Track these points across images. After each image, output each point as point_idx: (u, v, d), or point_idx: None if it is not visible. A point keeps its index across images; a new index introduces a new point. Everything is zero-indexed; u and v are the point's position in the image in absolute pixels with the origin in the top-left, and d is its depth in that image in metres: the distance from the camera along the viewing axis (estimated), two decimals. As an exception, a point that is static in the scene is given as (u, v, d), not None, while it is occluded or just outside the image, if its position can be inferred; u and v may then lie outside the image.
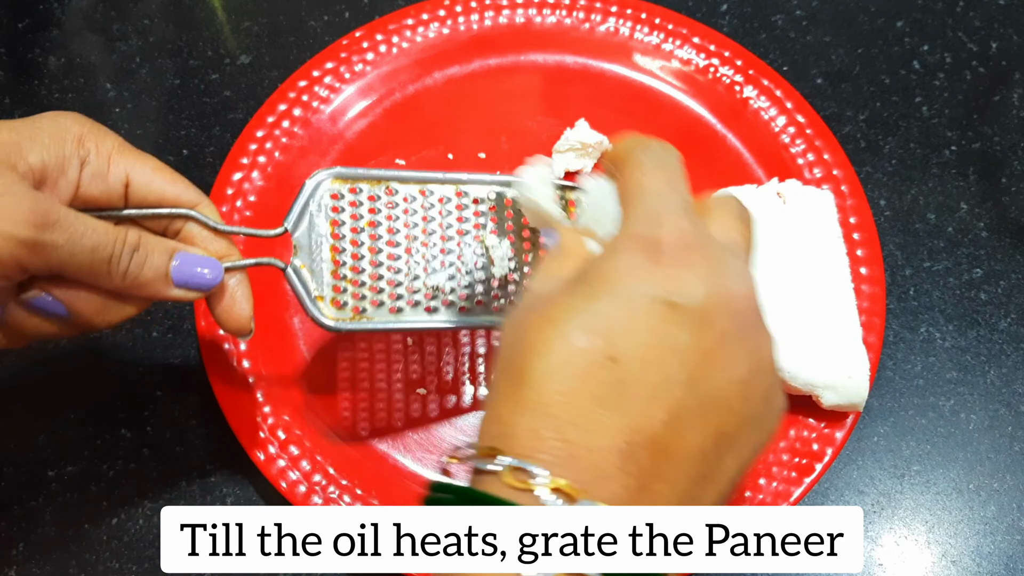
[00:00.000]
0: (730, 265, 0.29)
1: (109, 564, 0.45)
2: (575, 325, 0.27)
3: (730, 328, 0.28)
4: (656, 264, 0.28)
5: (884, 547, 0.47)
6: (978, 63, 0.61)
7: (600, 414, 0.25)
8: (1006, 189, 0.57)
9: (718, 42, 0.58)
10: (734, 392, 0.27)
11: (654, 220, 0.29)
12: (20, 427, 0.49)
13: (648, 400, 0.26)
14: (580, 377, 0.26)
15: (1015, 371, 0.52)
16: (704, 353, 0.27)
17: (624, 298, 0.27)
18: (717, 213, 0.32)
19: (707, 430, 0.27)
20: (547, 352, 0.27)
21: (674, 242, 0.28)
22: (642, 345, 0.26)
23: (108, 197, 0.36)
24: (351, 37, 0.57)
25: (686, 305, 0.27)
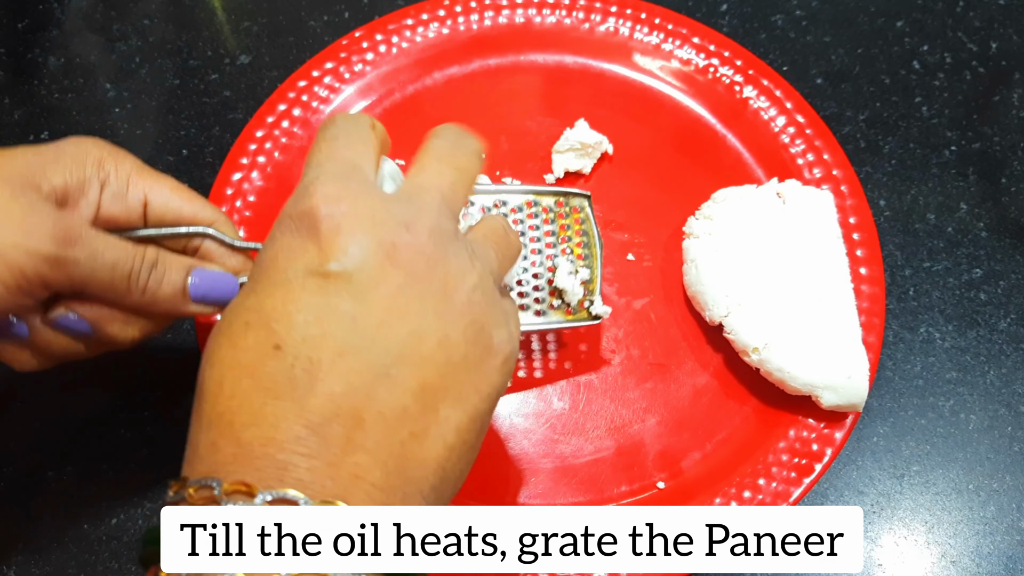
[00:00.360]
0: (398, 214, 0.28)
1: (109, 564, 0.45)
2: (237, 325, 0.27)
3: (402, 280, 0.27)
4: (308, 237, 0.27)
5: (883, 547, 0.47)
6: (978, 63, 0.61)
7: (273, 406, 0.25)
8: (1006, 189, 0.57)
9: (718, 42, 0.58)
10: (425, 342, 0.27)
11: (305, 192, 0.28)
12: (20, 427, 0.49)
13: (321, 377, 0.25)
14: (249, 375, 0.26)
15: (1015, 371, 0.52)
16: (376, 312, 0.26)
17: (280, 282, 0.27)
18: (418, 158, 0.32)
19: (402, 387, 0.26)
20: (216, 360, 0.27)
21: (326, 209, 0.27)
22: (303, 324, 0.26)
23: (128, 217, 0.38)
24: (351, 37, 0.57)
25: (344, 271, 0.27)
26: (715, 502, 0.46)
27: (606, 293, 0.52)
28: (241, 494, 0.24)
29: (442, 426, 0.27)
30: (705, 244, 0.49)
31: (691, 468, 0.47)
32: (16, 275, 0.31)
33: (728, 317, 0.48)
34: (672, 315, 0.51)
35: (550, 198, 0.48)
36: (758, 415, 0.48)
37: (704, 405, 0.49)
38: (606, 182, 0.55)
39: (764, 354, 0.46)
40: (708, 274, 0.48)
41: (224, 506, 0.24)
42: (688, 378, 0.50)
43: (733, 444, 0.48)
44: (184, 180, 0.55)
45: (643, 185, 0.55)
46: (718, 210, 0.50)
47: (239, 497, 0.24)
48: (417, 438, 0.26)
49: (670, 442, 0.48)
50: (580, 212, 0.48)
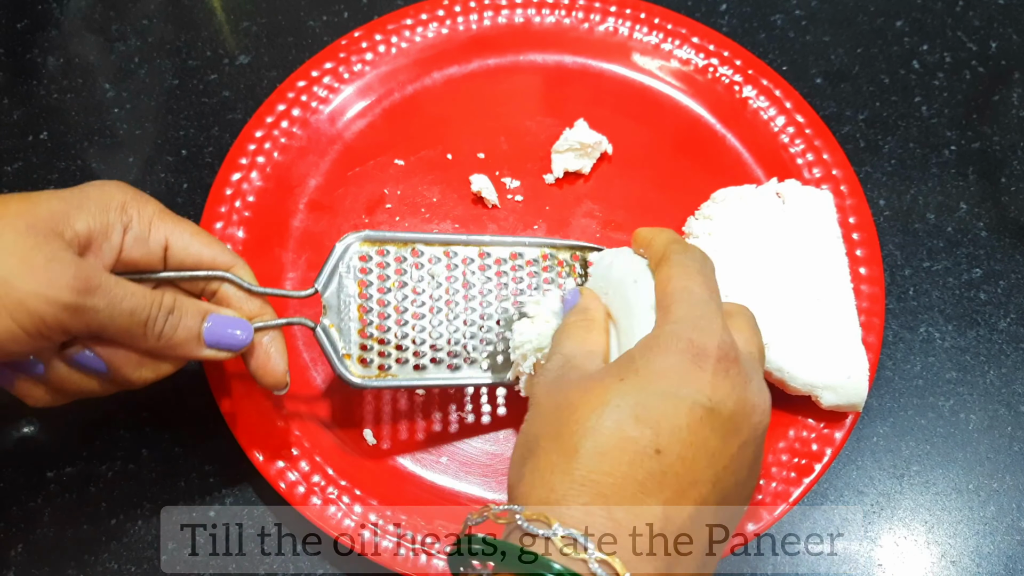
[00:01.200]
0: (754, 379, 0.33)
1: (108, 565, 0.45)
2: (627, 413, 0.30)
3: (748, 437, 0.31)
4: (701, 370, 0.31)
5: (883, 547, 0.47)
6: (978, 63, 0.61)
7: (642, 499, 0.29)
8: (1005, 189, 0.57)
9: (717, 42, 0.58)
10: (738, 492, 0.32)
11: (702, 328, 0.32)
12: (20, 427, 0.49)
13: (682, 493, 0.29)
14: (628, 463, 0.29)
15: (1015, 371, 0.52)
16: (728, 457, 0.30)
17: (671, 396, 0.30)
18: (738, 323, 0.35)
19: (718, 521, 0.30)
20: (599, 432, 0.30)
21: (716, 352, 0.31)
22: (683, 443, 0.30)
23: (148, 260, 0.39)
24: (350, 37, 0.57)
25: (721, 412, 0.30)
26: (715, 502, 0.46)
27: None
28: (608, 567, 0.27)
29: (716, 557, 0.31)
30: (705, 244, 0.49)
31: (691, 468, 0.47)
32: (36, 322, 0.33)
33: (728, 317, 0.48)
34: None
35: (566, 252, 0.47)
36: (758, 415, 0.48)
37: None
38: (605, 182, 0.55)
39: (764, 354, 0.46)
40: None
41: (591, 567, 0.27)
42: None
43: (733, 444, 0.48)
44: (183, 180, 0.56)
45: (643, 185, 0.55)
46: (717, 210, 0.50)
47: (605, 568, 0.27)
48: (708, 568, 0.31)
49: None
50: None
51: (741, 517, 0.34)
